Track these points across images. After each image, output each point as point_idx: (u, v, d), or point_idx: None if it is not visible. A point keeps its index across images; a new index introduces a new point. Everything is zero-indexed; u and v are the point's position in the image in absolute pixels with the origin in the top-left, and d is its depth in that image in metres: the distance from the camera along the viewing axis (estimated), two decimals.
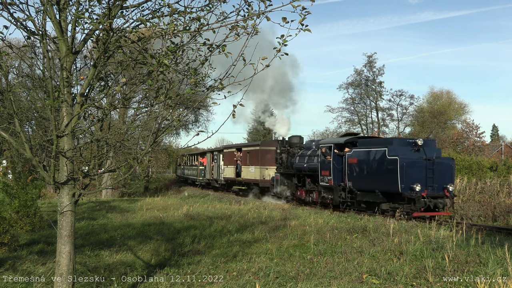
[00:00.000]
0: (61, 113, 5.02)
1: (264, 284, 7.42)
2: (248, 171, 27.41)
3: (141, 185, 47.65)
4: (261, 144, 26.81)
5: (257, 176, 26.04)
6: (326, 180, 19.00)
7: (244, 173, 27.98)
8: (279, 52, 4.82)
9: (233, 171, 29.73)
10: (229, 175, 30.44)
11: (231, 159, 30.07)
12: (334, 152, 18.56)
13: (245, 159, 27.98)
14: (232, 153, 30.19)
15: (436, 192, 15.32)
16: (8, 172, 14.23)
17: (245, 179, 27.74)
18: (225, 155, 31.81)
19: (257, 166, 26.12)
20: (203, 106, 40.15)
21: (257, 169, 26.13)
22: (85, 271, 8.11)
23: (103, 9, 4.66)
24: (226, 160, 31.23)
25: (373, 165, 16.39)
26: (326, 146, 19.21)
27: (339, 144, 18.73)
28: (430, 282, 7.40)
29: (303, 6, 4.62)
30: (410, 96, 54.79)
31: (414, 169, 15.21)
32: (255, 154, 26.61)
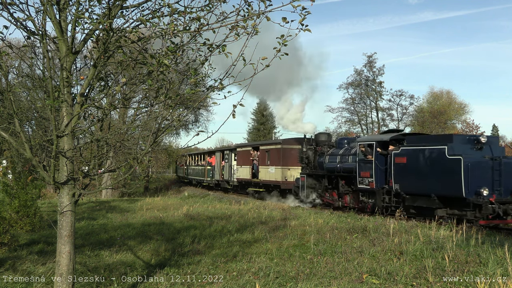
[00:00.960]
0: (61, 113, 5.02)
1: (264, 284, 7.42)
2: (266, 172, 25.23)
3: (141, 185, 47.62)
4: (282, 142, 24.54)
5: (278, 177, 23.88)
6: (366, 182, 16.91)
7: (262, 174, 25.78)
8: (279, 52, 4.82)
9: (249, 172, 27.43)
10: (244, 176, 28.27)
11: (246, 159, 27.87)
12: (376, 150, 16.43)
13: (263, 158, 25.82)
14: (247, 152, 27.96)
15: (503, 197, 13.35)
16: (8, 172, 14.23)
17: (264, 181, 25.51)
18: (238, 154, 29.51)
19: (278, 166, 23.95)
20: (203, 106, 40.14)
21: (278, 170, 23.96)
22: (85, 271, 8.11)
23: (103, 9, 4.66)
24: (240, 160, 29.01)
25: (427, 166, 14.37)
26: (366, 144, 17.07)
27: (382, 141, 16.56)
28: (430, 282, 7.40)
29: (303, 6, 4.62)
30: (410, 96, 54.77)
31: (480, 171, 13.32)
32: (276, 153, 24.39)
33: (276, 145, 25.08)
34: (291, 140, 24.95)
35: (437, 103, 53.86)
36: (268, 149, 25.60)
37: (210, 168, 35.95)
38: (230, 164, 31.09)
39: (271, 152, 25.10)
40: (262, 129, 65.89)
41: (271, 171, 24.71)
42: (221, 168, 33.11)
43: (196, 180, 40.86)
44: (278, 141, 26.15)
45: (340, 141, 20.49)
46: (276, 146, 24.97)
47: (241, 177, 28.80)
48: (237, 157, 29.73)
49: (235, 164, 30.25)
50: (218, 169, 33.74)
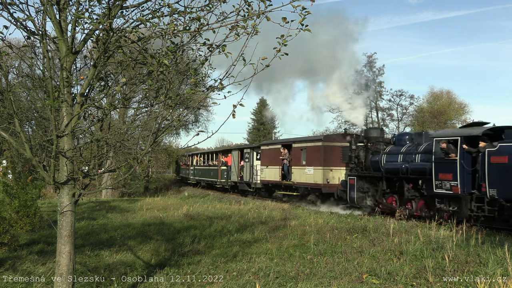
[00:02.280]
0: (61, 113, 5.02)
1: (264, 284, 7.42)
2: (302, 173, 21.78)
3: (141, 185, 47.59)
4: (324, 139, 21.14)
5: (318, 179, 20.52)
6: (446, 186, 13.92)
7: (296, 175, 22.30)
8: (279, 52, 4.82)
9: (278, 173, 23.98)
10: (271, 177, 24.78)
11: (274, 158, 24.40)
12: (461, 148, 13.68)
13: (297, 158, 22.42)
14: (275, 151, 24.48)
15: None
16: (8, 172, 14.23)
17: (298, 183, 22.03)
18: (263, 153, 25.93)
19: (319, 166, 20.57)
20: (203, 106, 40.13)
21: (319, 171, 20.55)
22: (85, 271, 8.11)
23: (103, 9, 4.66)
24: (266, 159, 25.48)
25: None
26: (447, 140, 14.15)
27: (471, 137, 13.78)
28: (430, 282, 7.40)
29: (303, 6, 4.62)
30: (410, 96, 54.81)
31: None
32: (316, 152, 20.94)
33: (315, 142, 21.53)
34: (335, 136, 22.13)
35: (437, 103, 53.84)
36: (304, 147, 22.10)
37: (225, 169, 32.40)
38: (252, 164, 27.65)
39: (308, 150, 21.65)
40: (262, 129, 65.90)
41: (308, 172, 21.26)
42: (240, 168, 29.70)
43: (206, 181, 37.29)
44: (318, 137, 23.18)
45: (400, 137, 17.58)
46: (315, 143, 21.41)
47: (267, 179, 25.31)
48: (262, 156, 26.23)
49: (258, 164, 26.95)
50: (236, 170, 30.16)
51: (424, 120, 50.44)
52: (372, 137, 18.59)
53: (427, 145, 15.30)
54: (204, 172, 38.16)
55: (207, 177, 36.84)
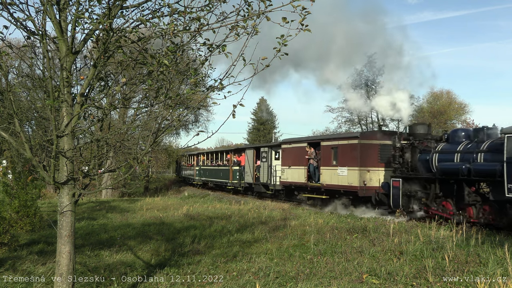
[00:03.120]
0: (61, 113, 5.02)
1: (264, 284, 7.42)
2: (333, 174, 19.62)
3: (141, 185, 47.57)
4: (361, 136, 19.02)
5: (354, 181, 18.41)
6: None
7: (326, 176, 20.10)
8: (279, 52, 4.82)
9: (303, 174, 21.71)
10: (294, 178, 22.53)
11: (299, 158, 22.25)
12: None
13: (327, 157, 20.23)
14: (300, 150, 22.30)
15: None
16: (8, 172, 14.22)
17: (328, 185, 19.88)
18: (285, 152, 23.65)
19: (354, 167, 18.47)
20: (203, 106, 40.14)
21: (354, 172, 18.43)
22: (85, 271, 8.11)
23: (103, 9, 4.66)
24: (288, 159, 23.23)
25: None
26: None
27: None
28: (430, 282, 7.40)
29: (303, 6, 4.62)
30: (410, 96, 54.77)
31: None
32: (350, 151, 18.83)
33: (350, 139, 19.33)
34: (372, 133, 20.19)
35: (437, 103, 53.86)
36: (335, 145, 19.91)
37: (238, 169, 30.11)
38: (270, 164, 25.46)
39: (341, 148, 19.47)
40: (262, 129, 65.95)
41: (341, 174, 19.14)
42: (255, 168, 27.61)
43: (215, 182, 34.84)
44: (354, 134, 21.17)
45: (455, 134, 15.47)
46: (350, 141, 19.21)
47: (289, 181, 23.00)
48: (283, 155, 23.89)
49: (277, 164, 24.77)
50: (251, 170, 27.84)
51: (424, 120, 50.44)
52: (418, 133, 16.51)
53: (493, 143, 13.49)
54: (212, 173, 35.67)
55: (216, 177, 34.38)
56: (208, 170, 37.10)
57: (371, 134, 19.73)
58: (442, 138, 15.91)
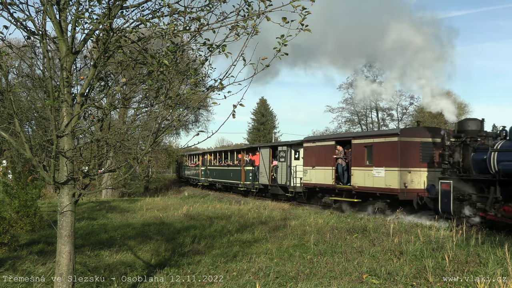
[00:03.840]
0: (61, 113, 5.02)
1: (264, 284, 7.42)
2: (367, 175, 17.75)
3: (141, 185, 47.56)
4: (401, 133, 16.88)
5: (393, 182, 16.49)
6: None
7: (358, 178, 18.24)
8: (279, 52, 4.82)
9: (330, 175, 19.84)
10: (319, 180, 20.63)
11: (325, 157, 20.35)
12: None
13: (359, 157, 18.35)
14: (326, 149, 20.37)
15: None
16: (8, 172, 14.23)
17: (361, 188, 18.05)
18: (308, 151, 21.75)
19: (393, 167, 16.55)
20: (203, 106, 40.14)
21: (393, 173, 16.49)
22: (85, 271, 8.11)
23: (103, 9, 4.67)
24: (311, 158, 21.38)
25: None
26: None
27: None
28: (430, 282, 7.40)
29: (303, 6, 4.62)
30: (410, 96, 54.84)
31: None
32: (389, 149, 16.92)
33: (388, 137, 17.44)
34: (414, 130, 17.97)
35: None
36: (369, 143, 18.05)
37: (251, 169, 27.99)
38: (289, 164, 23.57)
39: (376, 147, 17.55)
40: (262, 129, 66.00)
41: (377, 175, 17.27)
42: (271, 169, 25.55)
43: (223, 183, 32.94)
44: (393, 131, 19.27)
45: None
46: (388, 138, 17.34)
47: (313, 182, 21.13)
48: (305, 155, 22.04)
49: (298, 164, 23.03)
50: (266, 171, 25.75)
51: (424, 120, 50.47)
52: (470, 130, 14.75)
53: None
54: (221, 173, 33.49)
55: (225, 178, 32.26)
56: (216, 170, 34.97)
57: (413, 131, 17.77)
58: (500, 135, 13.97)
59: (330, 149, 20.24)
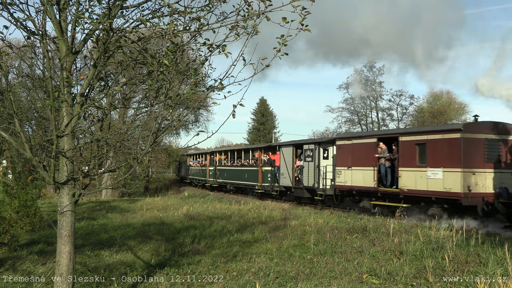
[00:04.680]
0: (61, 113, 5.02)
1: (264, 284, 7.42)
2: (419, 177, 15.54)
3: (141, 185, 47.57)
4: (464, 128, 14.81)
5: (454, 186, 14.40)
6: None
7: (408, 180, 15.99)
8: (279, 52, 4.82)
9: (371, 176, 17.59)
10: (357, 182, 18.43)
11: (364, 157, 18.16)
12: None
13: (409, 156, 16.12)
14: (366, 147, 18.20)
15: None
16: (8, 172, 14.23)
17: (411, 191, 15.80)
18: (342, 150, 19.52)
19: (454, 168, 14.51)
20: (203, 106, 40.15)
21: (454, 174, 14.42)
22: (85, 271, 8.11)
23: (103, 9, 4.67)
24: (346, 158, 19.23)
25: None
26: None
27: None
28: (430, 282, 7.40)
29: (303, 6, 4.62)
30: (410, 96, 54.92)
31: None
32: (448, 147, 14.87)
33: (448, 133, 15.24)
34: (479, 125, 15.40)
35: (437, 103, 53.91)
36: (422, 141, 15.79)
37: (270, 170, 25.78)
38: (318, 164, 21.31)
39: (432, 145, 15.36)
40: (262, 129, 66.01)
41: (433, 176, 15.10)
42: (294, 169, 23.46)
43: (237, 185, 30.43)
44: (454, 126, 17.31)
45: None
46: (448, 134, 15.14)
47: (348, 184, 19.02)
48: (339, 154, 19.83)
49: (328, 164, 20.98)
50: (289, 171, 23.60)
51: (424, 120, 50.48)
52: None
53: None
54: (234, 174, 31.03)
55: (239, 179, 29.78)
56: (228, 171, 32.33)
57: (477, 126, 15.30)
58: None
59: (371, 147, 17.93)
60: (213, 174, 35.01)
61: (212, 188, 35.23)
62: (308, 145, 22.42)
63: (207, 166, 36.88)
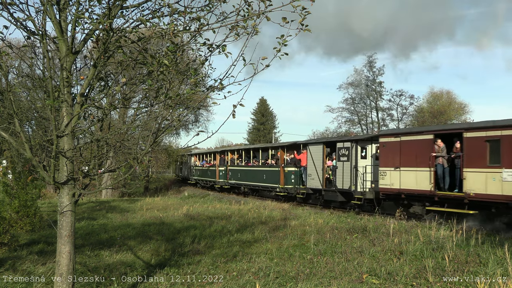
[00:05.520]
0: (61, 113, 5.02)
1: (264, 284, 7.42)
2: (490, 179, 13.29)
3: (141, 185, 47.56)
4: None
5: None
6: None
7: (476, 182, 13.66)
8: (279, 52, 4.82)
9: (427, 178, 15.17)
10: (408, 185, 16.00)
11: (417, 155, 15.70)
12: None
13: (477, 154, 13.81)
14: (419, 144, 15.76)
15: None
16: (8, 172, 14.24)
17: (480, 195, 13.48)
18: (387, 147, 17.02)
19: None
20: (203, 106, 40.14)
21: None
22: (85, 271, 8.11)
23: (103, 9, 4.67)
24: (392, 157, 16.71)
25: None
26: None
27: None
28: (430, 282, 7.40)
29: (303, 6, 4.62)
30: (410, 96, 54.90)
31: None
32: None
33: None
34: None
35: (437, 103, 53.93)
36: (495, 137, 13.44)
37: (295, 170, 23.42)
38: (355, 164, 18.99)
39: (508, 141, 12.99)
40: (262, 129, 66.02)
41: (510, 178, 12.87)
42: (325, 170, 21.08)
43: (253, 186, 27.80)
44: None
45: None
46: None
47: (395, 187, 16.50)
48: (383, 152, 17.32)
49: (367, 165, 18.80)
50: (318, 172, 21.18)
51: (424, 120, 50.49)
52: None
53: None
54: (249, 175, 28.21)
55: (256, 181, 27.13)
56: (242, 171, 29.49)
57: None
58: None
59: (426, 145, 15.48)
60: (223, 175, 32.52)
61: (222, 190, 32.87)
62: (343, 142, 19.97)
63: (217, 166, 34.05)
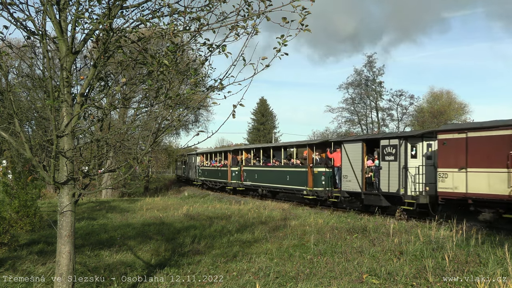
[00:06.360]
0: (61, 113, 5.02)
1: (264, 284, 7.42)
2: None
3: (141, 185, 47.57)
4: None
5: None
6: None
7: None
8: (279, 52, 4.82)
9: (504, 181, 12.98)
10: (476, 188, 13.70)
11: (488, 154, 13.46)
12: None
13: None
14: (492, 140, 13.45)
15: None
16: (8, 172, 14.24)
17: None
18: (449, 145, 14.69)
19: None
20: (203, 106, 40.14)
21: None
22: (85, 271, 8.11)
23: (103, 9, 4.67)
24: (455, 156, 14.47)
25: None
26: None
27: None
28: (430, 282, 7.40)
29: (303, 6, 4.62)
30: (410, 96, 54.84)
31: None
32: None
33: None
34: None
35: (437, 103, 53.93)
36: None
37: (325, 171, 21.09)
38: (404, 165, 16.41)
39: None
40: (262, 129, 66.02)
41: None
42: (364, 170, 18.56)
43: (273, 189, 25.33)
44: None
45: None
46: None
47: (460, 191, 14.23)
48: (442, 151, 15.04)
49: (419, 165, 16.43)
50: (356, 173, 18.79)
51: (424, 120, 50.48)
52: None
53: None
54: (269, 176, 25.47)
55: (276, 182, 24.56)
56: (259, 172, 26.81)
57: None
58: None
59: (502, 142, 13.17)
60: (237, 175, 29.76)
61: (236, 192, 30.20)
62: (389, 140, 17.40)
63: (229, 166, 31.21)
